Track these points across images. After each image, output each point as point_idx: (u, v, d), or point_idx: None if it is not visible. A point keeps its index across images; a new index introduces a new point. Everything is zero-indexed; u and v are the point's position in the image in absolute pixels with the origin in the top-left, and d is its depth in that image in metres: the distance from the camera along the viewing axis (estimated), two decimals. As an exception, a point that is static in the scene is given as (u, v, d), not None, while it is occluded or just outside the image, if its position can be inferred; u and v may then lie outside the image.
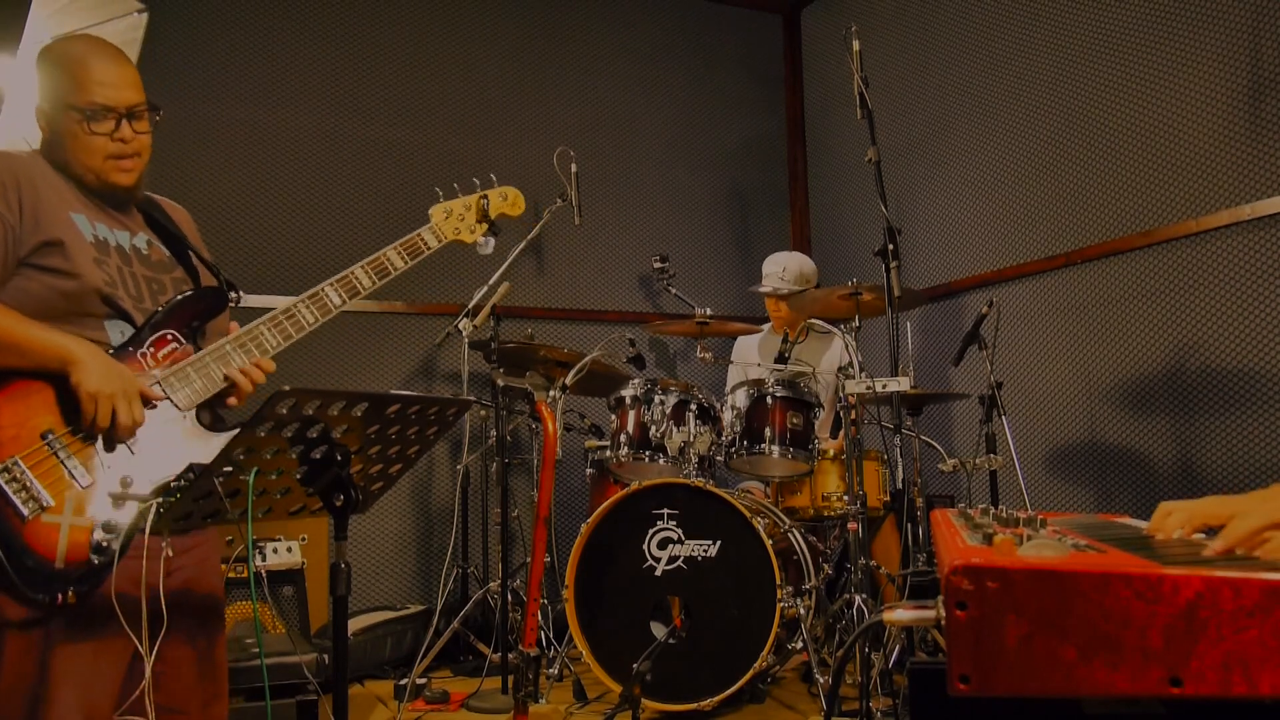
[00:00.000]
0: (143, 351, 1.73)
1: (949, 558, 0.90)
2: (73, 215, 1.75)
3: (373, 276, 1.94)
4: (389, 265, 1.97)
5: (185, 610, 1.75)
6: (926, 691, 1.00)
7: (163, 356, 1.75)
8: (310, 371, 4.34)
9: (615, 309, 5.03)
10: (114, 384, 1.63)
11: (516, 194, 2.24)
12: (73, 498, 1.59)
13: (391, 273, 1.97)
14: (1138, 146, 3.71)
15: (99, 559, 1.59)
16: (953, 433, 4.48)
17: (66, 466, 1.59)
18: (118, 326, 1.74)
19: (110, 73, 1.78)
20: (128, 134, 1.79)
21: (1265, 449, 3.26)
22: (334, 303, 1.90)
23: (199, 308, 1.83)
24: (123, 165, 1.80)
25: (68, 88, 1.76)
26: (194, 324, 1.82)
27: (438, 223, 2.10)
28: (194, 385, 1.75)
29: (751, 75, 5.58)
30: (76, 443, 1.63)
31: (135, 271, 1.81)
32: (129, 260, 1.81)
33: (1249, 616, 0.80)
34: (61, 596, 1.55)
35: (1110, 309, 3.79)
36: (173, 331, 1.77)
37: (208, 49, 4.34)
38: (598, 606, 3.30)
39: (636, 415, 3.59)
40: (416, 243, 2.03)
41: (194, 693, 1.81)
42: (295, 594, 3.72)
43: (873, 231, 4.21)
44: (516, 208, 2.24)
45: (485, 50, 4.90)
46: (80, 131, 1.75)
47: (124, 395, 1.63)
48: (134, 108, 1.80)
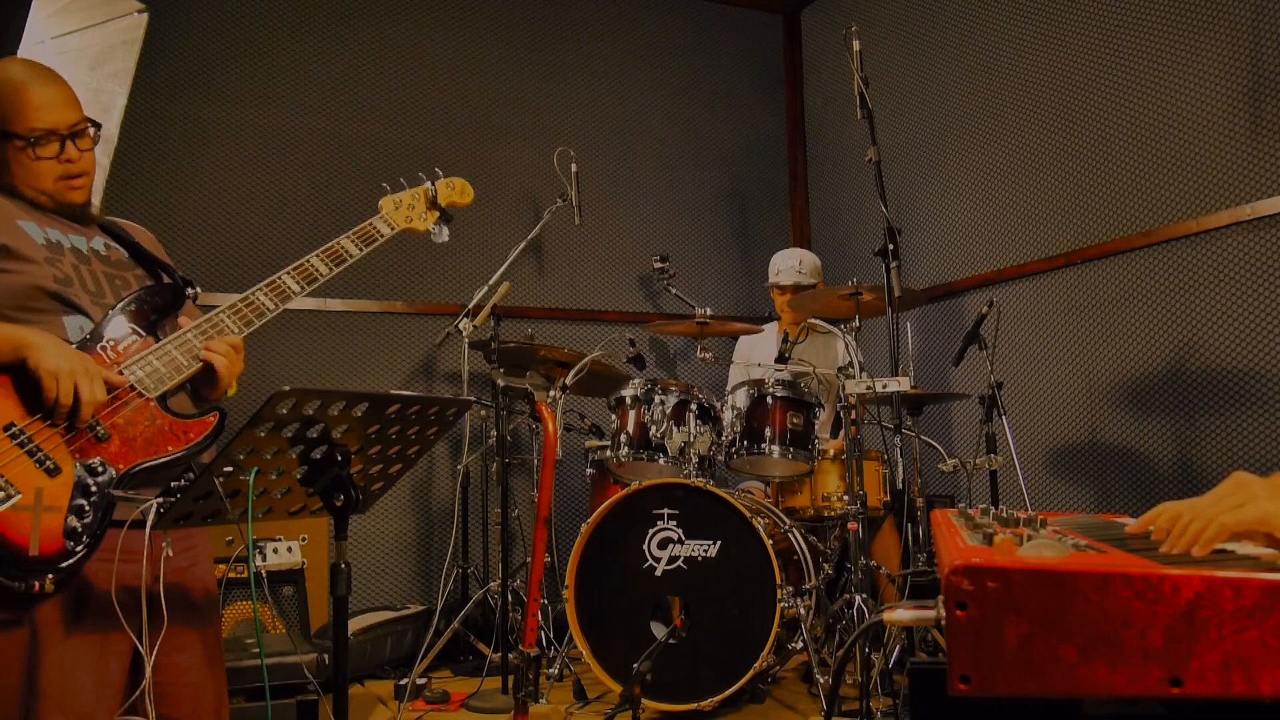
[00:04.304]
0: (102, 345, 1.72)
1: (949, 558, 0.90)
2: (20, 223, 1.74)
3: (329, 264, 1.97)
4: (344, 252, 2.00)
5: (182, 610, 1.75)
6: (926, 691, 1.00)
7: (123, 350, 1.74)
8: (310, 371, 4.34)
9: (615, 309, 5.03)
10: (73, 361, 1.61)
11: (464, 184, 2.31)
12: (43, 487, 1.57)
13: (347, 259, 2.00)
14: (1138, 146, 3.71)
15: (74, 545, 1.57)
16: (953, 433, 4.48)
17: (34, 457, 1.58)
18: (76, 322, 1.73)
19: (46, 95, 1.78)
20: (73, 154, 1.80)
21: (1265, 449, 3.26)
22: (292, 289, 1.91)
23: (157, 302, 1.83)
24: (74, 184, 1.81)
25: (7, 115, 1.76)
26: (153, 318, 1.80)
27: (388, 213, 2.15)
28: (157, 371, 1.73)
29: (751, 75, 5.58)
30: (44, 431, 1.60)
31: (94, 269, 1.80)
32: (86, 260, 1.80)
33: (1249, 616, 0.80)
34: (39, 584, 1.53)
35: (1110, 309, 3.79)
36: (132, 325, 1.76)
37: (208, 49, 4.34)
38: (598, 606, 3.30)
39: (637, 415, 3.59)
40: (369, 230, 2.07)
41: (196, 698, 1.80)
42: (295, 594, 3.72)
43: (873, 231, 4.22)
44: (465, 196, 2.31)
45: (485, 50, 4.91)
46: (26, 159, 1.76)
47: (85, 373, 1.62)
48: (75, 126, 1.80)
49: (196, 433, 1.75)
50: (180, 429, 1.74)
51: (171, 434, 1.73)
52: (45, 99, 1.77)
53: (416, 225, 2.20)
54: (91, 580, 1.65)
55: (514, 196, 4.84)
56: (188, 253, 4.17)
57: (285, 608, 3.70)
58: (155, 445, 1.70)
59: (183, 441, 1.73)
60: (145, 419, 1.71)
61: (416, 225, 2.20)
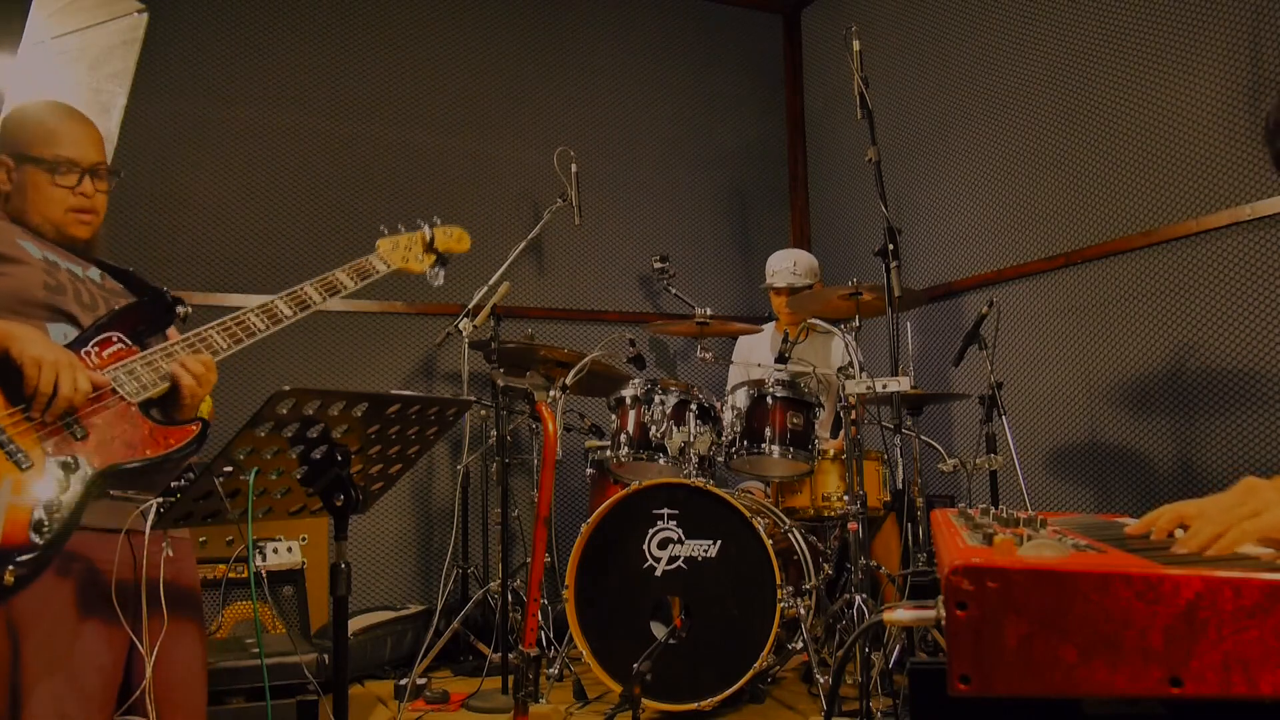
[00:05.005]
0: (87, 350, 1.72)
1: (949, 558, 0.90)
2: (20, 240, 1.76)
3: (323, 293, 1.99)
4: (338, 284, 2.03)
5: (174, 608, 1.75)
6: (926, 691, 1.00)
7: (108, 356, 1.74)
8: (310, 371, 4.34)
9: (615, 309, 5.03)
10: (56, 353, 1.61)
11: (461, 232, 2.36)
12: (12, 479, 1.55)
13: (339, 290, 2.03)
14: (1138, 146, 3.71)
15: (38, 538, 1.55)
16: (953, 433, 4.48)
17: (7, 450, 1.57)
18: (61, 329, 1.73)
19: (75, 130, 1.85)
20: (89, 189, 1.84)
21: (1265, 449, 3.26)
22: (284, 314, 1.92)
23: (147, 314, 1.84)
24: (82, 219, 1.84)
25: (32, 140, 1.81)
26: (140, 329, 1.81)
27: (384, 252, 2.19)
28: (140, 377, 1.73)
29: (751, 75, 5.58)
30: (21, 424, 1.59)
31: (90, 288, 1.82)
32: (82, 281, 1.82)
33: (1249, 616, 0.80)
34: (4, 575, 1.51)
35: (1110, 309, 3.79)
36: (118, 334, 1.77)
37: (208, 50, 4.34)
38: (598, 606, 3.30)
39: (637, 415, 3.59)
40: (365, 266, 2.11)
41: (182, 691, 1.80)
42: (295, 594, 3.71)
43: (873, 231, 4.22)
44: (462, 244, 2.36)
45: (485, 50, 4.91)
46: (44, 183, 1.80)
47: (68, 365, 1.61)
48: (96, 165, 1.85)
49: (177, 440, 1.73)
50: (161, 435, 1.73)
51: (151, 439, 1.72)
52: (73, 134, 1.84)
53: (413, 266, 2.24)
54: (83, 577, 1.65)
55: (514, 196, 4.84)
56: (188, 253, 4.17)
57: (285, 608, 3.70)
58: (134, 448, 1.69)
59: (162, 447, 1.71)
60: (126, 423, 1.70)
61: (413, 266, 2.24)
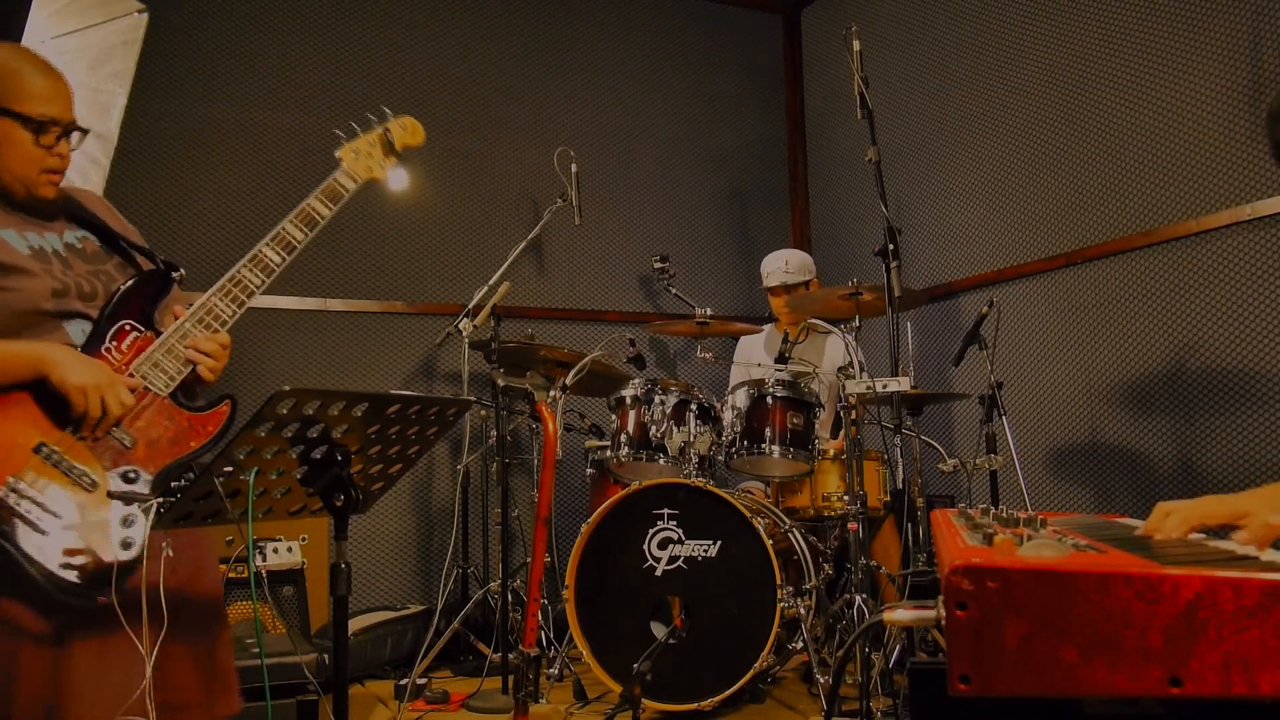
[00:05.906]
0: (106, 347, 1.74)
1: (949, 558, 0.90)
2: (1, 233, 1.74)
3: (302, 228, 1.97)
4: (315, 214, 2.01)
5: (184, 609, 1.75)
6: (927, 691, 1.00)
7: (126, 348, 1.76)
8: (310, 371, 4.34)
9: (615, 309, 5.03)
10: (97, 374, 1.65)
11: (414, 122, 2.28)
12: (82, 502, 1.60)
13: (319, 221, 2.00)
14: (1138, 146, 3.71)
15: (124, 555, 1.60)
16: (953, 433, 4.48)
17: (71, 475, 1.60)
18: (77, 325, 1.75)
19: (54, 86, 1.76)
20: (64, 150, 1.78)
21: (1265, 449, 3.26)
22: (273, 260, 1.93)
23: (148, 291, 1.84)
24: (53, 179, 1.79)
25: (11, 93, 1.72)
26: (146, 309, 1.82)
27: (348, 164, 2.13)
28: (165, 368, 1.76)
29: (751, 75, 5.58)
30: (73, 445, 1.63)
31: (79, 271, 1.80)
32: (69, 262, 1.80)
33: (1249, 616, 0.80)
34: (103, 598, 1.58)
35: (1110, 309, 3.79)
36: (129, 321, 1.78)
37: (208, 49, 4.34)
38: (598, 606, 3.29)
39: (637, 415, 3.59)
40: (334, 188, 2.07)
41: (194, 690, 1.80)
42: (295, 594, 3.72)
43: (873, 231, 4.21)
44: (417, 136, 2.28)
45: (485, 50, 4.90)
46: (25, 141, 1.73)
47: (110, 384, 1.66)
48: (72, 124, 1.79)
49: (214, 424, 1.79)
50: (199, 423, 1.78)
51: (192, 429, 1.77)
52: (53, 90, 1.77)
53: (377, 174, 2.17)
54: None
55: (514, 196, 4.84)
56: (188, 252, 4.16)
57: (285, 608, 3.70)
58: (179, 443, 1.75)
59: (203, 435, 1.77)
60: (164, 419, 1.75)
61: (377, 174, 2.17)
